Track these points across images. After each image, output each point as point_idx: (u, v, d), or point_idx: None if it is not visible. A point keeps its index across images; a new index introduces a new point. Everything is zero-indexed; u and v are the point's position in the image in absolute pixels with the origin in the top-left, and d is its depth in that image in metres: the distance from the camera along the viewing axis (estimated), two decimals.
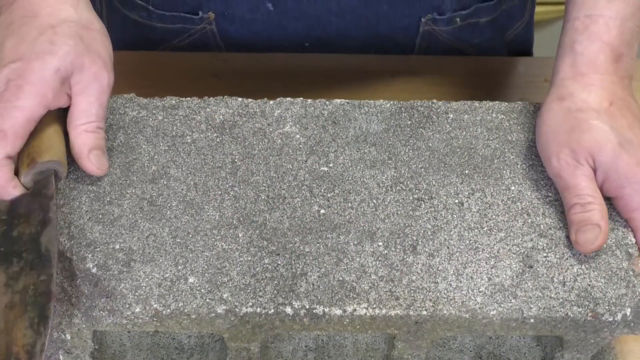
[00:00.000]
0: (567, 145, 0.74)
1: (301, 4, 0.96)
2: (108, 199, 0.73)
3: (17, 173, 0.72)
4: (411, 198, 0.74)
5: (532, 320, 0.69)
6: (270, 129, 0.79)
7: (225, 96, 0.81)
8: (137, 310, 0.68)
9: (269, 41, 1.01)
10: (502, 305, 0.69)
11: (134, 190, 0.74)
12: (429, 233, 0.72)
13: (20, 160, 0.72)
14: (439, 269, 0.70)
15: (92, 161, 0.73)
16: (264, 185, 0.75)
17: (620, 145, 0.73)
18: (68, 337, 0.70)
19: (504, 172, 0.76)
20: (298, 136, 0.78)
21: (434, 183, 0.75)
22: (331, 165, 0.76)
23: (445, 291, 0.69)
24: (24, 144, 0.72)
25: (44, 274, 0.67)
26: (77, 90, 0.73)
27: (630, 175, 0.72)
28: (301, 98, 0.81)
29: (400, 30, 1.01)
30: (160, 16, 1.01)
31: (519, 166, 0.77)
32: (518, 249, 0.72)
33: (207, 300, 0.68)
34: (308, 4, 0.96)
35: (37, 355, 0.64)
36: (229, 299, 0.68)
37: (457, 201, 0.74)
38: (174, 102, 0.80)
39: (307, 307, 0.68)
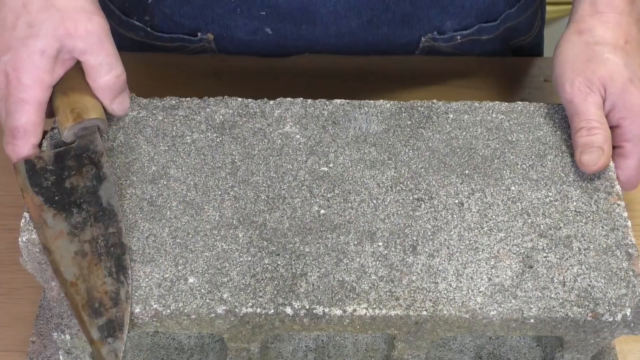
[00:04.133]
0: (582, 73, 0.78)
1: (300, 28, 0.96)
2: None
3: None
4: (411, 198, 0.74)
5: (532, 321, 0.69)
6: (270, 129, 0.79)
7: (225, 96, 0.81)
8: (137, 310, 0.68)
9: (269, 56, 1.02)
10: (502, 305, 0.69)
11: (133, 191, 0.74)
12: (429, 233, 0.72)
13: (62, 115, 0.75)
14: (439, 269, 0.70)
15: (116, 109, 0.77)
16: (264, 185, 0.75)
17: (630, 81, 0.78)
18: (68, 337, 0.70)
19: (504, 172, 0.76)
20: (298, 136, 0.78)
21: (434, 183, 0.75)
22: (331, 165, 0.76)
23: (445, 291, 0.69)
24: (65, 98, 0.75)
25: (112, 227, 0.70)
26: (79, 52, 0.75)
27: (634, 108, 0.78)
28: (301, 98, 0.81)
29: (400, 47, 1.00)
30: (158, 37, 1.01)
31: (519, 166, 0.77)
32: (518, 249, 0.72)
33: (207, 300, 0.68)
34: (307, 29, 0.96)
35: (122, 302, 0.67)
36: (229, 299, 0.68)
37: (457, 201, 0.74)
38: (174, 102, 0.80)
39: (307, 307, 0.68)
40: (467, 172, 0.76)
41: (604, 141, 0.76)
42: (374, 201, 0.74)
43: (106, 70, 0.76)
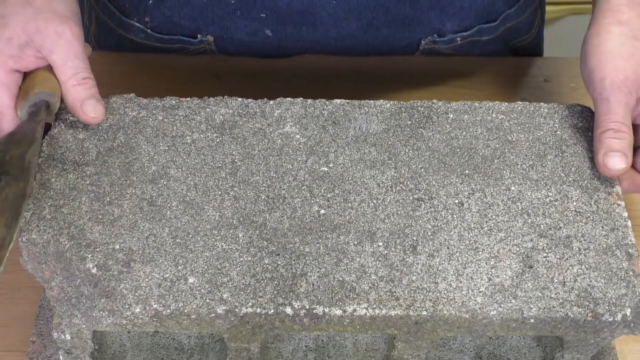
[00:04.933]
0: (623, 71, 0.77)
1: (300, 30, 0.96)
2: (108, 199, 0.73)
3: None
4: (411, 198, 0.74)
5: (532, 321, 0.69)
6: (270, 129, 0.79)
7: (225, 96, 0.81)
8: (137, 310, 0.68)
9: (269, 57, 1.02)
10: (502, 305, 0.69)
11: (133, 191, 0.74)
12: (429, 233, 0.72)
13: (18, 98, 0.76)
14: (439, 269, 0.70)
15: (86, 112, 0.76)
16: (264, 185, 0.75)
17: None
18: (68, 337, 0.70)
19: (504, 172, 0.76)
20: (298, 136, 0.78)
21: (434, 183, 0.75)
22: (331, 165, 0.76)
23: (445, 291, 0.69)
24: (22, 83, 0.76)
25: (23, 181, 0.70)
26: (47, 52, 0.76)
27: None
28: (301, 98, 0.81)
29: (400, 49, 1.01)
30: (158, 39, 1.01)
31: (519, 166, 0.77)
32: (518, 249, 0.72)
33: (207, 300, 0.68)
34: (307, 31, 0.96)
35: (4, 247, 0.66)
36: (229, 299, 0.68)
37: (457, 201, 0.74)
38: (174, 102, 0.80)
39: (307, 307, 0.68)
40: (467, 172, 0.76)
41: (629, 147, 0.76)
42: (374, 201, 0.74)
43: (72, 71, 0.76)
